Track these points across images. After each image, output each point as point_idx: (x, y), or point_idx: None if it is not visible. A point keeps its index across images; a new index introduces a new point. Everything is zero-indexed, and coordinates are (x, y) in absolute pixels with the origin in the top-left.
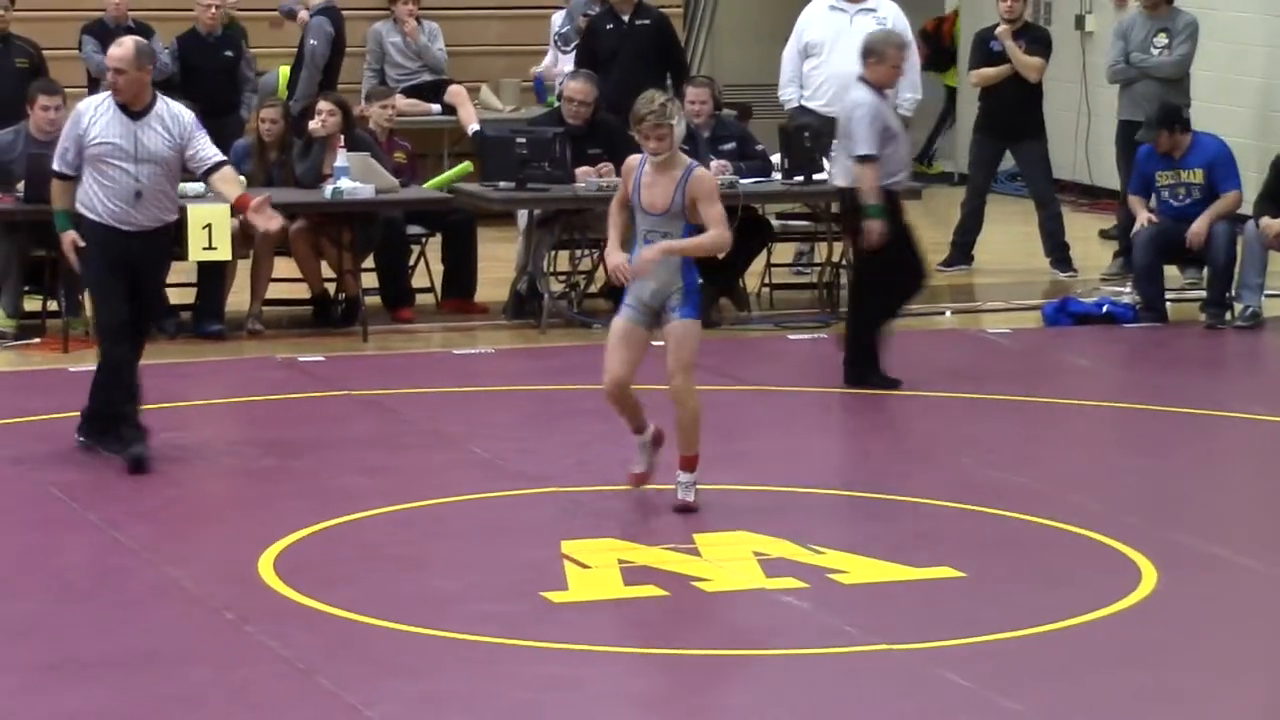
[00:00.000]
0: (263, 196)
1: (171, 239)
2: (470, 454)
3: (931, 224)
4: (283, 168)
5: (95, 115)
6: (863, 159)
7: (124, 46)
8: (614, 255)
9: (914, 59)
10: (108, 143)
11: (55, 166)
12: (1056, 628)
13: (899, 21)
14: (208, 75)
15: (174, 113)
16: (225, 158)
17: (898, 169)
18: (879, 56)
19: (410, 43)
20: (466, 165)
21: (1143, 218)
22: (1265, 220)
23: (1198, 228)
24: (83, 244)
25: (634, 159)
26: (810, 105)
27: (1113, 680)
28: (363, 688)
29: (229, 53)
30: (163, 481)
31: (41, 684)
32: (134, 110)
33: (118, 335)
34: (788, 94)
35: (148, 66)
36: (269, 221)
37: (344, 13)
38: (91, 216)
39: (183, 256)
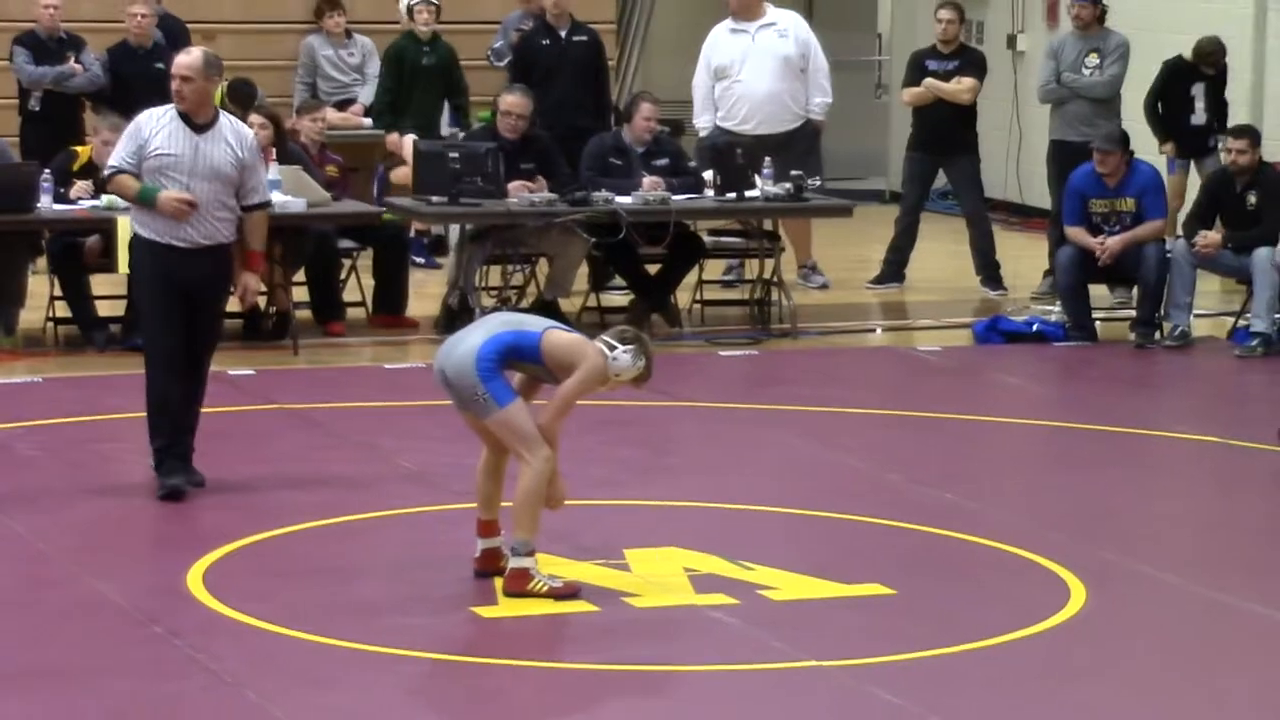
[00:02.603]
0: (254, 284)
1: (230, 263)
2: (401, 468)
3: (864, 241)
4: None
5: (156, 125)
6: None
7: (191, 55)
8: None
9: (822, 63)
10: (169, 154)
11: (119, 163)
12: (986, 645)
13: (801, 31)
14: (139, 87)
15: (239, 130)
16: (271, 200)
17: None
18: None
19: (345, 57)
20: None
21: (1095, 246)
22: (1205, 234)
23: (1112, 245)
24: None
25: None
26: (726, 126)
27: (1042, 697)
28: (291, 701)
29: (159, 64)
30: (91, 494)
31: None
32: (197, 123)
33: (164, 362)
34: (702, 122)
35: (215, 77)
36: (248, 297)
37: (273, 26)
38: (147, 235)
39: (113, 269)
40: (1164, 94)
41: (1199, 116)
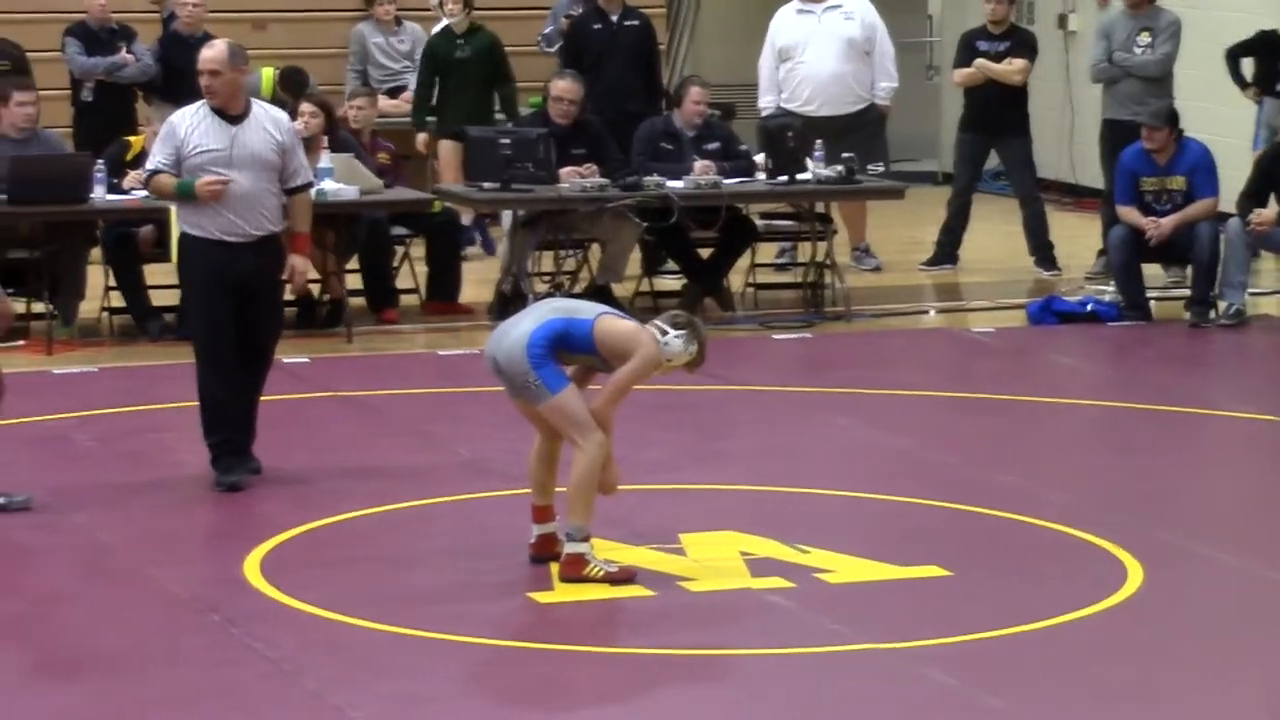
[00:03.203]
0: (303, 266)
1: (282, 251)
2: (456, 454)
3: (916, 222)
4: None
5: (192, 124)
6: None
7: (216, 48)
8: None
9: (888, 48)
10: (208, 150)
11: (156, 165)
12: (1042, 626)
13: (868, 15)
14: (190, 76)
15: (274, 116)
16: (313, 181)
17: None
18: None
19: (395, 45)
20: None
21: (1146, 225)
22: (1259, 212)
23: (1164, 226)
24: (225, 179)
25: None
26: (789, 107)
27: (1098, 678)
28: (348, 689)
29: None
30: (148, 483)
31: (25, 685)
32: (231, 114)
33: (214, 361)
34: (765, 102)
35: (242, 67)
36: (297, 279)
37: (324, 14)
38: (196, 233)
39: (167, 258)
40: (1251, 58)
41: None
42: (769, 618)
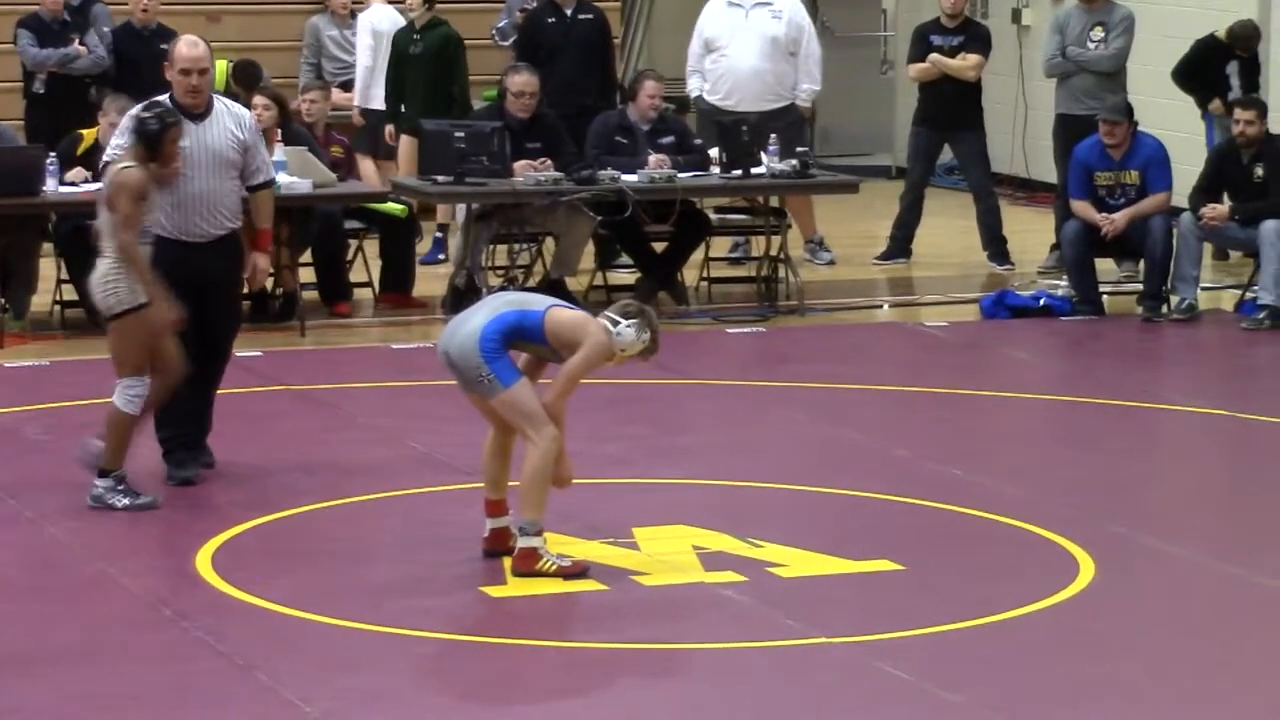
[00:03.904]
0: (264, 264)
1: (240, 247)
2: (409, 448)
3: (870, 217)
4: None
5: None
6: None
7: (199, 47)
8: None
9: (814, 49)
10: None
11: (113, 157)
12: (995, 620)
13: (796, 15)
14: (144, 68)
15: (237, 113)
16: (275, 177)
17: None
18: None
19: (349, 38)
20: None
21: (1100, 220)
22: (1213, 207)
23: (1118, 220)
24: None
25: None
26: (710, 99)
27: (1051, 672)
28: (302, 683)
29: (165, 45)
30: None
31: None
32: (195, 112)
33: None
34: (691, 85)
35: (213, 61)
36: (258, 277)
37: (278, 6)
38: (154, 230)
39: None
40: (1197, 72)
41: (1236, 94)
42: (722, 612)
